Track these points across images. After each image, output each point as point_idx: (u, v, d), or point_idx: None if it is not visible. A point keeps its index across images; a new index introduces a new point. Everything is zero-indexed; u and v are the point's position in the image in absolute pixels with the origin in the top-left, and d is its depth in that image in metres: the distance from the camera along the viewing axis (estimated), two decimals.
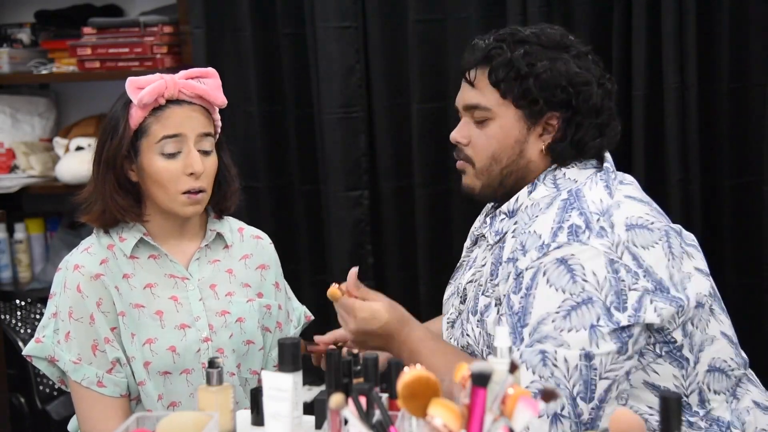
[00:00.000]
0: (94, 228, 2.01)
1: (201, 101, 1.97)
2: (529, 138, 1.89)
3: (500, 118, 1.88)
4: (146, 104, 1.91)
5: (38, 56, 3.51)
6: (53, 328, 1.95)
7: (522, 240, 1.79)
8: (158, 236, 2.00)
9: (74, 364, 1.92)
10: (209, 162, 1.97)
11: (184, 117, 1.94)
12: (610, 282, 1.68)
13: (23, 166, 3.50)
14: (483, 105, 1.89)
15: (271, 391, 1.47)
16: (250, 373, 2.04)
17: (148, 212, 1.99)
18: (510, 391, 1.23)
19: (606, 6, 2.80)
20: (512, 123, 1.88)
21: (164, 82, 1.92)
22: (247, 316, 2.03)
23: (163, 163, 1.93)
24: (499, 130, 1.88)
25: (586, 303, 1.67)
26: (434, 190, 3.04)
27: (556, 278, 1.70)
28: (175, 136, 1.92)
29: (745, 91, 2.71)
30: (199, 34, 3.15)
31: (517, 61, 1.85)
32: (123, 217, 1.97)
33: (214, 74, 2.00)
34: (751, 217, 2.74)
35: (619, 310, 1.67)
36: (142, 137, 1.93)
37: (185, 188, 1.93)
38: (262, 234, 2.15)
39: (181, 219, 1.99)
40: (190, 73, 1.97)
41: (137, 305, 1.95)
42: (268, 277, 2.10)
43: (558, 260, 1.71)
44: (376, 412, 1.42)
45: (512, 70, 1.85)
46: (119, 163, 1.94)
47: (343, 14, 3.02)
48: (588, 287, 1.68)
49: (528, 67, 1.85)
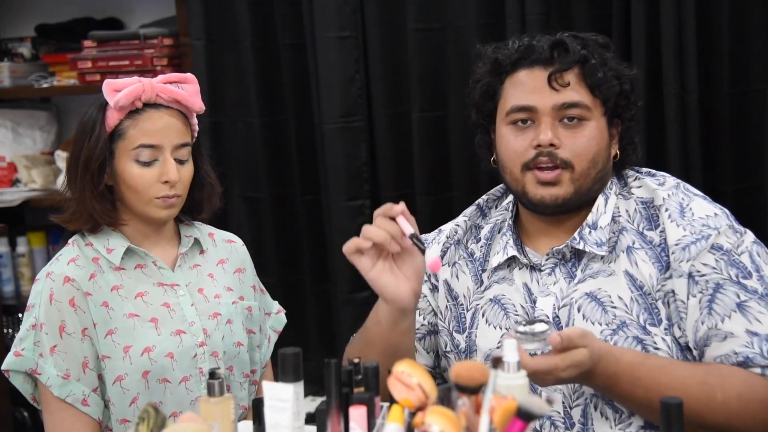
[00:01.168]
0: (75, 236, 1.98)
1: (179, 106, 1.95)
2: (610, 142, 1.86)
3: (595, 119, 1.82)
4: (123, 107, 1.89)
5: (39, 70, 3.52)
6: (33, 340, 1.89)
7: (690, 225, 1.77)
8: (137, 242, 1.98)
9: (62, 379, 1.88)
10: (185, 170, 1.95)
11: (162, 125, 1.92)
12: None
13: (25, 180, 3.51)
14: (584, 103, 1.81)
15: (272, 402, 1.46)
16: (243, 376, 2.03)
17: (124, 217, 1.96)
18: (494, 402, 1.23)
19: (605, 12, 2.80)
20: (603, 125, 1.84)
21: (142, 85, 1.90)
22: (235, 318, 2.02)
23: (138, 170, 1.91)
24: (597, 131, 1.82)
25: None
26: (435, 198, 3.04)
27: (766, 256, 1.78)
28: (152, 146, 1.91)
29: (746, 96, 2.71)
30: (199, 46, 3.16)
31: (612, 61, 1.84)
32: (101, 220, 1.94)
33: (193, 80, 1.98)
34: (753, 222, 2.71)
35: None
36: (118, 140, 1.91)
37: (159, 195, 1.92)
38: (234, 237, 2.14)
39: (156, 223, 1.98)
40: (169, 78, 1.96)
41: (132, 315, 1.93)
42: (246, 280, 2.10)
43: (753, 242, 1.79)
44: (378, 422, 1.42)
45: (611, 70, 1.83)
46: (94, 165, 1.91)
47: (343, 24, 3.03)
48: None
49: (619, 69, 1.85)
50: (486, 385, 1.27)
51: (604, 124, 1.83)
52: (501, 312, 1.86)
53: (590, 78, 1.81)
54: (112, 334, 1.91)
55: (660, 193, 1.82)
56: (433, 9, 2.98)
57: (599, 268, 1.81)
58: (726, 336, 1.71)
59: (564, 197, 1.80)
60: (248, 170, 3.21)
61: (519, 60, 1.83)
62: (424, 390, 1.30)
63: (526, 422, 1.23)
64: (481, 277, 1.92)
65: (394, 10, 3.02)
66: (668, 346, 1.75)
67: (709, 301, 1.72)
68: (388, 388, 1.34)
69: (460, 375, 1.29)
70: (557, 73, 1.80)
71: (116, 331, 1.91)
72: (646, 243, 1.80)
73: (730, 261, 1.74)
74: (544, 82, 1.80)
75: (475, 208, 2.00)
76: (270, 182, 3.22)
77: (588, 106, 1.81)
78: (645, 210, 1.83)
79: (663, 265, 1.77)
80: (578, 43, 1.83)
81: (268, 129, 3.20)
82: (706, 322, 1.72)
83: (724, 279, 1.73)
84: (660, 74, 2.70)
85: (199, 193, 2.03)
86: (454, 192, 3.02)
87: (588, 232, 1.82)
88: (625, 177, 1.90)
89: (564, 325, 1.79)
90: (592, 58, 1.82)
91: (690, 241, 1.75)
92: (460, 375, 1.29)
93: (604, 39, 1.88)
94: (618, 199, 1.86)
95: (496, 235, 1.94)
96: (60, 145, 3.58)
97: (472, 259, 1.95)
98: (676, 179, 1.87)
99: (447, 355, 1.94)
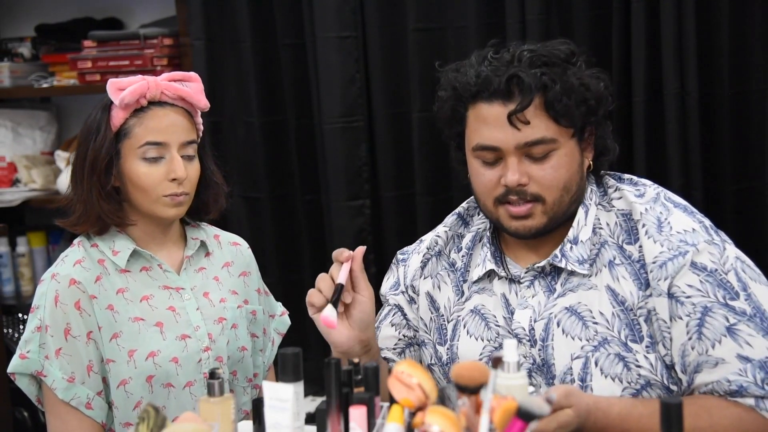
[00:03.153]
0: (81, 237, 1.97)
1: (183, 103, 1.94)
2: (581, 158, 1.79)
3: (563, 146, 1.75)
4: (128, 104, 1.88)
5: (39, 70, 3.52)
6: (38, 342, 1.89)
7: (667, 240, 1.72)
8: (143, 244, 1.96)
9: (67, 382, 1.87)
10: (192, 168, 1.94)
11: (168, 122, 1.91)
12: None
13: (25, 180, 3.51)
14: (548, 138, 1.73)
15: (272, 402, 1.46)
16: (246, 381, 2.03)
17: (131, 218, 1.95)
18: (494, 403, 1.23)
19: (605, 13, 2.80)
20: (573, 148, 1.76)
21: (146, 82, 1.90)
22: (239, 322, 2.02)
23: (145, 168, 1.90)
24: (566, 158, 1.75)
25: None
26: (436, 198, 3.04)
27: (754, 274, 1.74)
28: (158, 144, 1.90)
29: (746, 96, 2.71)
30: (199, 46, 3.16)
31: (573, 84, 1.73)
32: (109, 220, 1.92)
33: (197, 78, 1.98)
34: (753, 221, 2.73)
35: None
36: (124, 139, 1.90)
37: (167, 193, 1.91)
38: (239, 240, 2.13)
39: (163, 224, 1.97)
40: (173, 76, 1.95)
41: (137, 318, 1.92)
42: (251, 284, 2.09)
43: (736, 257, 1.74)
44: (378, 422, 1.42)
45: (572, 96, 1.73)
46: (101, 165, 1.90)
47: (343, 24, 3.03)
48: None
49: (584, 88, 1.75)
50: (486, 385, 1.27)
51: (574, 145, 1.76)
52: (482, 323, 1.84)
53: (552, 109, 1.72)
54: (116, 337, 1.90)
55: (638, 207, 1.76)
56: (433, 9, 2.98)
57: (579, 281, 1.78)
58: (717, 362, 1.67)
59: (538, 227, 1.77)
60: (248, 170, 3.21)
61: (477, 93, 1.75)
62: (424, 390, 1.30)
63: (526, 422, 1.23)
64: (462, 288, 1.90)
65: (394, 10, 3.02)
66: (651, 364, 1.71)
67: (698, 325, 1.68)
68: (388, 388, 1.34)
69: (460, 375, 1.29)
70: (516, 113, 1.71)
71: (121, 334, 1.91)
72: (625, 258, 1.76)
73: (716, 282, 1.69)
74: (504, 120, 1.72)
75: (456, 218, 1.96)
76: (270, 182, 3.22)
77: (553, 138, 1.73)
78: (625, 222, 1.79)
79: (642, 282, 1.73)
80: (539, 66, 1.73)
81: (268, 129, 3.20)
82: (696, 347, 1.68)
83: (711, 302, 1.68)
84: (660, 74, 2.70)
85: (205, 193, 2.01)
86: (454, 192, 3.02)
87: (569, 248, 1.78)
88: (605, 185, 1.84)
89: (539, 339, 1.77)
90: (555, 84, 1.72)
91: (667, 258, 1.70)
92: (460, 375, 1.29)
93: (567, 49, 1.77)
94: (598, 210, 1.81)
95: (477, 245, 1.91)
96: (60, 145, 3.58)
97: (453, 269, 1.92)
98: (656, 188, 1.81)
99: (432, 367, 1.92)
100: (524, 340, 1.78)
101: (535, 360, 1.77)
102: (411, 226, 3.05)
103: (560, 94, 1.72)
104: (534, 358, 1.77)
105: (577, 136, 1.77)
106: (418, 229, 3.03)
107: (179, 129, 1.92)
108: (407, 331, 1.96)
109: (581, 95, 1.74)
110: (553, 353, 1.76)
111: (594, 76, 1.79)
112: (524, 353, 1.78)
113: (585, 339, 1.74)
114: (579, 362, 1.74)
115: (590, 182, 1.84)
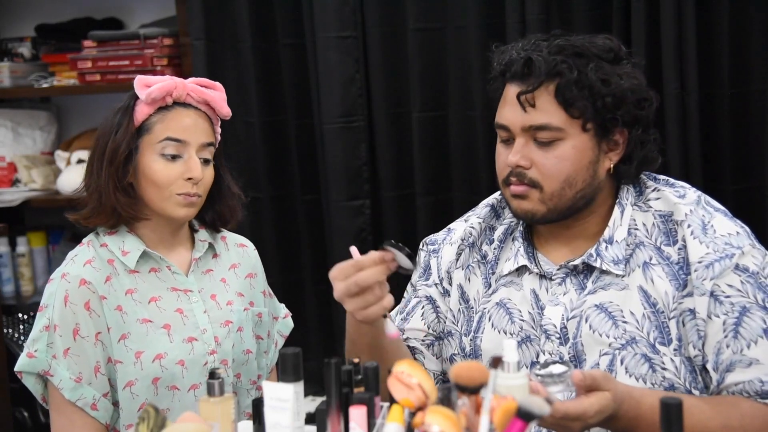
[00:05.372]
0: (90, 236, 1.97)
1: (206, 108, 1.96)
2: (600, 157, 1.78)
3: (572, 138, 1.74)
4: (155, 99, 1.90)
5: (39, 70, 3.52)
6: (46, 341, 1.89)
7: (713, 242, 1.73)
8: (152, 245, 1.97)
9: (74, 382, 1.87)
10: (208, 171, 1.96)
11: (189, 123, 1.93)
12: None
13: (25, 180, 3.51)
14: (553, 125, 1.73)
15: (272, 402, 1.46)
16: (250, 383, 2.03)
17: (144, 212, 1.94)
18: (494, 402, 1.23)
19: (605, 13, 2.80)
20: (585, 143, 1.75)
21: (174, 82, 1.92)
22: (245, 325, 2.02)
23: (162, 164, 1.91)
24: (573, 151, 1.74)
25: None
26: (436, 198, 3.04)
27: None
28: (178, 141, 1.91)
29: (746, 96, 2.71)
30: (199, 46, 3.16)
31: (590, 77, 1.72)
32: (124, 213, 1.92)
33: (221, 88, 2.00)
34: (754, 222, 2.71)
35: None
36: (144, 134, 1.92)
37: (181, 191, 1.91)
38: (246, 241, 2.14)
39: (173, 225, 1.97)
40: (199, 81, 1.98)
41: (145, 320, 1.92)
42: (257, 286, 2.10)
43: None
44: (378, 422, 1.42)
45: (585, 88, 1.72)
46: (120, 158, 1.91)
47: (343, 24, 3.03)
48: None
49: (602, 84, 1.73)
50: (486, 385, 1.27)
51: (586, 140, 1.75)
52: (506, 316, 1.85)
53: (561, 97, 1.73)
54: (124, 339, 1.90)
55: (682, 208, 1.77)
56: (433, 9, 2.99)
57: (611, 280, 1.78)
58: (751, 362, 1.68)
59: (534, 213, 1.78)
60: (248, 170, 3.20)
61: (502, 73, 1.80)
62: (424, 390, 1.30)
63: (526, 422, 1.23)
64: (490, 280, 1.90)
65: (394, 10, 3.02)
66: (676, 367, 1.72)
67: (735, 324, 1.69)
68: (388, 388, 1.34)
69: (460, 375, 1.29)
70: (525, 93, 1.74)
71: (129, 336, 1.91)
72: (663, 259, 1.76)
73: (757, 284, 1.71)
74: (515, 100, 1.76)
75: (489, 210, 1.96)
76: (270, 182, 3.22)
77: (559, 127, 1.73)
78: (663, 224, 1.79)
79: (680, 283, 1.73)
80: (562, 53, 1.74)
81: (268, 129, 3.20)
82: (732, 345, 1.69)
83: (750, 303, 1.69)
84: (660, 74, 2.70)
85: (223, 204, 2.03)
86: (454, 192, 3.02)
87: (605, 247, 1.78)
88: (642, 186, 1.84)
89: (571, 337, 1.77)
90: (571, 73, 1.72)
91: (713, 258, 1.71)
92: (460, 375, 1.29)
93: (604, 45, 1.77)
94: (634, 211, 1.81)
95: (508, 238, 1.91)
96: (60, 145, 3.58)
97: (484, 261, 1.92)
98: (696, 192, 1.82)
99: (454, 358, 1.91)
100: (553, 337, 1.78)
101: (562, 357, 1.78)
102: (411, 226, 3.05)
103: (572, 83, 1.72)
104: (561, 356, 1.78)
105: (593, 132, 1.76)
106: (418, 229, 3.03)
107: (200, 130, 1.94)
108: (437, 325, 1.95)
109: (597, 90, 1.73)
110: (583, 349, 1.76)
111: (629, 75, 1.77)
112: (551, 350, 1.78)
113: (613, 337, 1.75)
114: (606, 359, 1.74)
115: (628, 181, 1.83)
